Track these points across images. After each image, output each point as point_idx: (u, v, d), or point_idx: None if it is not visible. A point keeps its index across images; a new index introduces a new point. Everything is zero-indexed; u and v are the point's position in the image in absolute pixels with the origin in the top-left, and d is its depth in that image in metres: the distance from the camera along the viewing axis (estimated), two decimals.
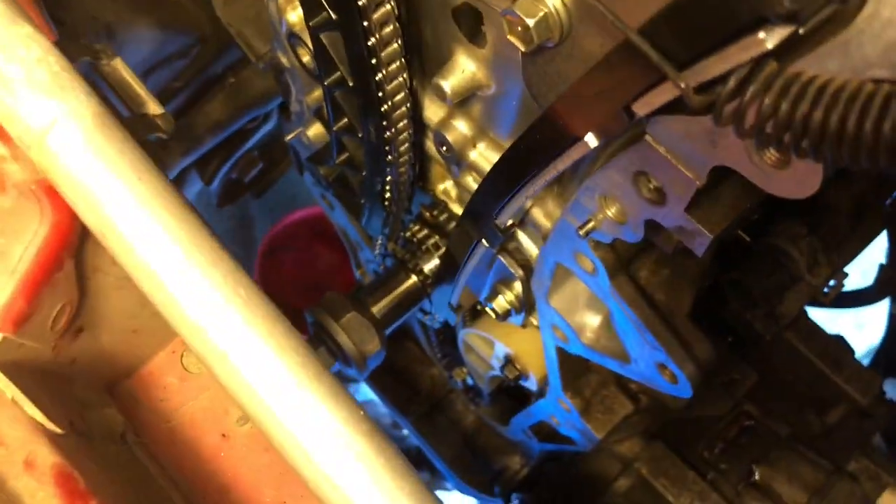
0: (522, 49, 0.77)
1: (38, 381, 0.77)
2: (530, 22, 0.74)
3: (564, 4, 0.74)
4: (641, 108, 0.64)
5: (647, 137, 0.77)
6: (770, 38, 0.51)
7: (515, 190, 0.91)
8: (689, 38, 0.55)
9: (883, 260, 1.58)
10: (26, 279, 0.68)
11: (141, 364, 1.01)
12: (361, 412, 0.65)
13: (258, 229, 3.44)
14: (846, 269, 1.43)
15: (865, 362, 2.03)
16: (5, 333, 0.67)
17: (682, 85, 0.56)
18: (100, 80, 0.74)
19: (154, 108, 0.76)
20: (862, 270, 1.76)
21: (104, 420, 0.87)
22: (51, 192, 0.70)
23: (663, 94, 0.61)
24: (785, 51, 0.54)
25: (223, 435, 1.02)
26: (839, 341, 1.60)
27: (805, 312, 1.55)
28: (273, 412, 0.62)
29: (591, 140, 0.73)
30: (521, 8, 0.75)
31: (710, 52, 0.55)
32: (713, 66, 0.55)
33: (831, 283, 1.47)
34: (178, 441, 1.02)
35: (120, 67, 0.76)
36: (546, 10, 0.74)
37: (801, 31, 0.51)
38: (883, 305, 1.76)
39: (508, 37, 0.77)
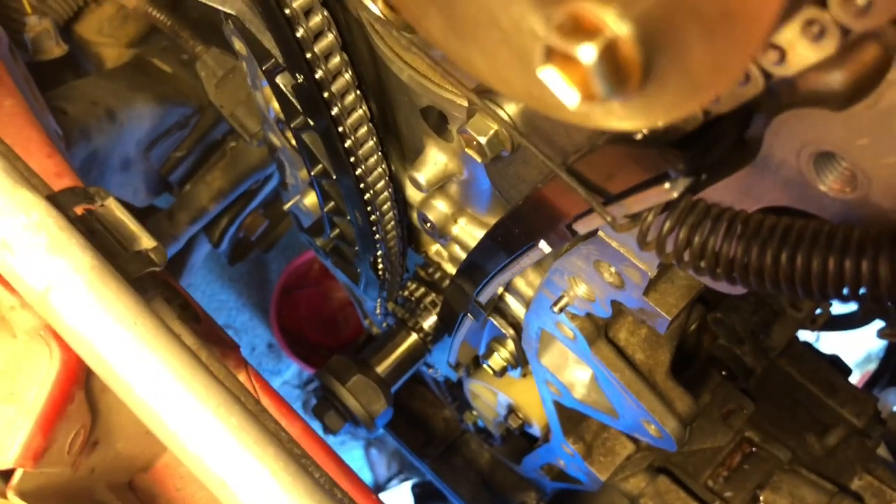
0: (479, 160, 0.83)
1: (59, 498, 0.84)
2: (482, 140, 0.80)
3: (513, 121, 0.80)
4: (582, 227, 0.71)
5: (600, 233, 0.83)
6: (675, 188, 0.57)
7: (488, 278, 0.97)
8: (607, 179, 0.62)
9: None
10: (42, 418, 0.75)
11: (157, 458, 1.08)
12: None
13: (273, 271, 3.52)
14: None
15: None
16: (26, 469, 0.75)
17: (609, 218, 0.62)
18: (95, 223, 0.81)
19: (147, 242, 0.83)
20: None
21: None
22: (58, 335, 0.77)
23: (599, 220, 0.68)
24: (698, 186, 0.61)
25: None
26: (833, 363, 1.64)
27: (796, 338, 1.60)
28: None
29: (545, 247, 0.79)
30: (474, 127, 0.81)
31: (631, 192, 0.61)
32: (633, 205, 0.61)
33: (817, 310, 1.52)
34: None
35: (113, 207, 0.83)
36: (496, 128, 0.80)
37: (703, 177, 0.57)
38: None
39: (466, 150, 0.84)
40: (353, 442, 3.26)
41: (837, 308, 1.56)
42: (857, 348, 3.01)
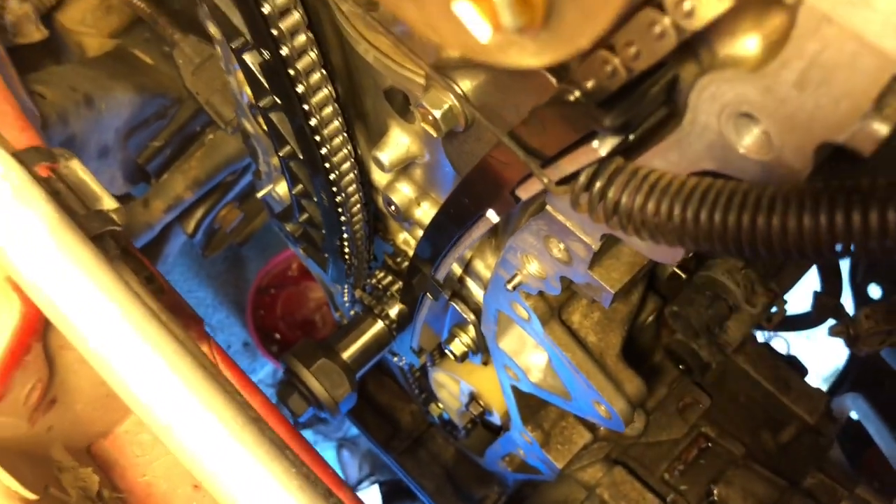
0: (434, 135, 0.87)
1: (15, 450, 0.86)
2: (437, 113, 0.84)
3: (465, 95, 0.84)
4: (523, 193, 0.74)
5: (548, 207, 0.86)
6: (602, 147, 0.60)
7: (444, 253, 1.00)
8: (545, 142, 0.65)
9: (817, 287, 1.67)
10: None
11: (117, 424, 1.10)
12: (297, 470, 0.74)
13: (250, 269, 3.53)
14: (785, 297, 1.52)
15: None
16: None
17: (545, 180, 0.66)
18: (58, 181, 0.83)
19: (109, 203, 0.85)
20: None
21: (80, 480, 0.96)
22: (17, 287, 0.79)
23: (538, 184, 0.71)
24: (629, 149, 0.64)
25: (195, 486, 1.11)
26: (790, 363, 1.68)
27: (753, 336, 1.64)
28: (219, 480, 0.71)
29: (493, 216, 0.82)
30: (429, 101, 0.84)
31: (565, 153, 0.64)
32: (566, 165, 0.64)
33: (773, 309, 1.56)
34: (153, 493, 1.10)
35: (77, 168, 0.86)
36: (450, 103, 0.84)
37: (631, 137, 0.61)
38: None
39: (422, 125, 0.87)
40: (324, 443, 3.27)
41: (792, 307, 1.59)
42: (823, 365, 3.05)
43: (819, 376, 2.98)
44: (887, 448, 1.95)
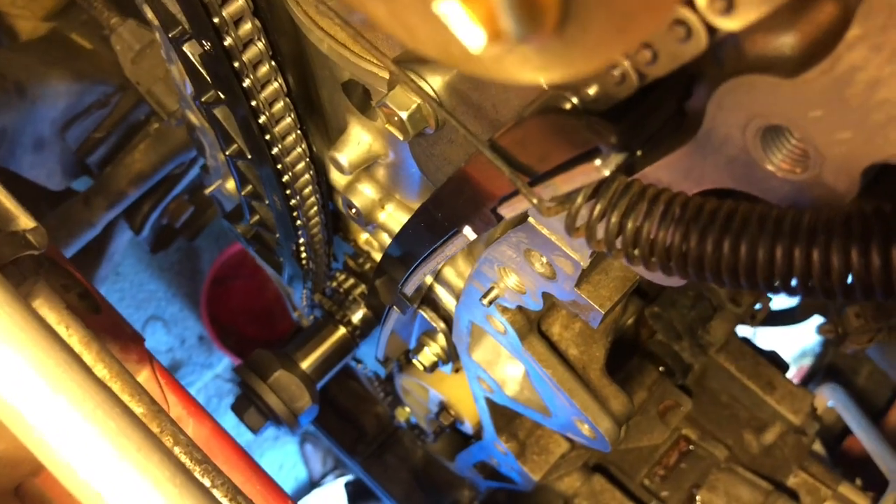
0: (400, 138, 0.76)
1: None
2: (403, 115, 0.73)
3: (437, 94, 0.73)
4: (507, 211, 0.64)
5: (531, 220, 0.76)
6: (606, 166, 0.50)
7: (412, 269, 0.90)
8: (534, 156, 0.55)
9: None
10: None
11: None
12: None
13: (205, 260, 3.40)
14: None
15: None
16: None
17: (535, 200, 0.56)
18: None
19: (25, 222, 0.74)
20: None
21: None
22: None
23: (525, 202, 0.61)
24: (633, 163, 0.54)
25: None
26: (771, 359, 1.61)
27: (735, 334, 1.57)
28: None
29: (469, 233, 0.72)
30: (394, 101, 0.74)
31: (559, 171, 0.54)
32: (561, 185, 0.54)
33: (757, 306, 1.48)
34: None
35: None
36: (419, 103, 0.73)
37: (638, 153, 0.51)
38: None
39: (387, 126, 0.76)
40: (287, 437, 3.17)
41: (777, 303, 1.53)
42: (792, 343, 3.02)
43: (789, 355, 2.95)
44: (868, 441, 1.91)
